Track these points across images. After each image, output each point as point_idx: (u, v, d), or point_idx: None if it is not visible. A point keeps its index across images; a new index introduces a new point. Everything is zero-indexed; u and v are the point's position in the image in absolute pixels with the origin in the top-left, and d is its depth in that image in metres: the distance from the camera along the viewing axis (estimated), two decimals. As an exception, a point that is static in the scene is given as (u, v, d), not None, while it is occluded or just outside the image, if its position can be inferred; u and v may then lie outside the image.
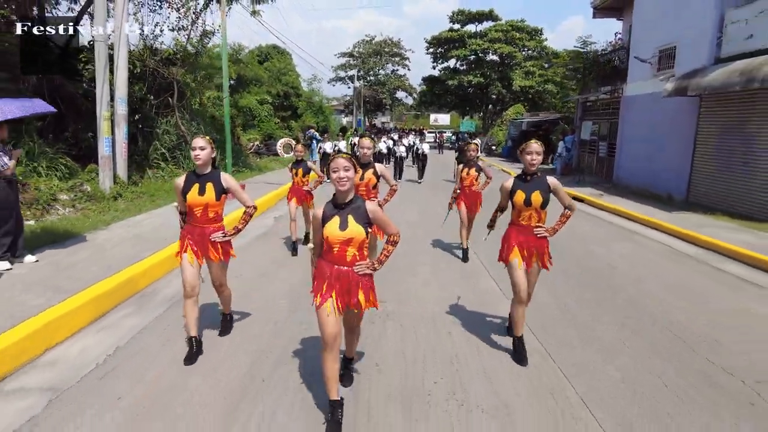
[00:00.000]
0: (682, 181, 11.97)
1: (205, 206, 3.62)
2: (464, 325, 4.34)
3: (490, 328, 4.29)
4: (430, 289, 5.34)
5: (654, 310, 4.78)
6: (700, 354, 3.84)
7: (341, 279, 2.80)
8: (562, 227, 3.75)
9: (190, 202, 3.60)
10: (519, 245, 3.67)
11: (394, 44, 53.82)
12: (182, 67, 13.66)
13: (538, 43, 42.87)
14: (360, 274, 2.82)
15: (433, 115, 55.52)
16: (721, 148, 10.72)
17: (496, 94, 43.18)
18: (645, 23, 14.13)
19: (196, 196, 3.58)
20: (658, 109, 12.90)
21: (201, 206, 3.61)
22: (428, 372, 3.49)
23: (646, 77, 13.70)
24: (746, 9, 9.73)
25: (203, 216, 3.65)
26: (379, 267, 2.88)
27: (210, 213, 3.66)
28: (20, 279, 4.77)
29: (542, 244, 3.70)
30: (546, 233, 3.67)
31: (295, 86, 36.13)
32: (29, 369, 3.45)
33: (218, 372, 3.44)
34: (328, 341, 2.77)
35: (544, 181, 3.62)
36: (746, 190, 9.93)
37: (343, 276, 2.80)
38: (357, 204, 2.79)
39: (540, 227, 3.67)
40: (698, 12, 11.35)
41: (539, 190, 3.58)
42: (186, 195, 3.59)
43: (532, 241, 3.67)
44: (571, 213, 3.75)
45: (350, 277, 2.81)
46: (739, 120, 10.22)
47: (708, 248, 7.44)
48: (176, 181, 3.68)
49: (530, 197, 3.58)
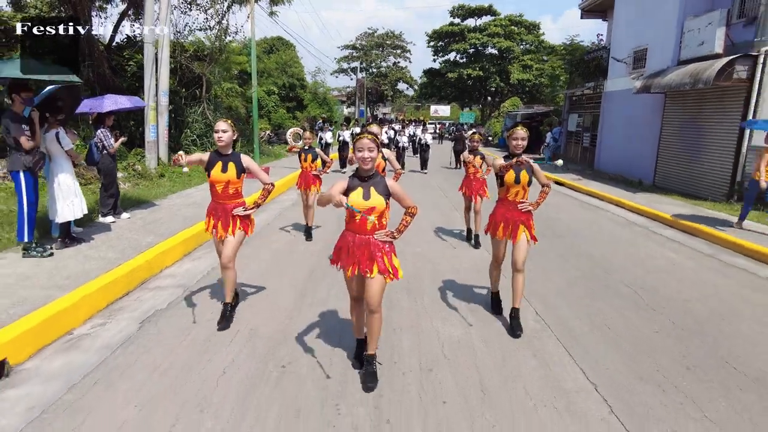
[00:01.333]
0: (649, 168, 13.68)
1: (226, 183, 3.92)
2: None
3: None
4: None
5: (597, 259, 6.48)
6: (618, 279, 5.58)
7: (362, 247, 3.05)
8: (543, 202, 4.21)
9: (213, 178, 3.91)
10: (505, 221, 4.09)
11: (395, 37, 55.28)
12: (208, 62, 15.29)
13: (535, 37, 44.33)
14: (381, 242, 3.08)
15: (434, 106, 56.87)
16: (679, 139, 12.42)
17: (494, 86, 44.64)
18: (622, 27, 15.77)
19: (219, 173, 3.88)
20: (632, 104, 14.56)
21: (222, 183, 3.91)
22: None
23: (622, 75, 15.35)
24: (698, 19, 11.36)
25: (224, 192, 3.95)
26: (398, 236, 3.10)
27: (230, 189, 3.96)
28: (126, 227, 6.52)
29: (527, 217, 4.12)
30: (530, 207, 4.10)
31: (300, 78, 37.64)
32: (157, 279, 5.18)
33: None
34: (354, 296, 3.25)
35: (528, 163, 4.06)
36: (695, 174, 11.66)
37: (364, 244, 3.05)
38: (378, 179, 3.06)
39: (524, 202, 4.10)
40: (664, 19, 12.99)
41: (525, 170, 4.05)
42: (210, 171, 3.90)
43: (518, 215, 4.07)
44: (549, 190, 4.21)
45: (371, 244, 3.05)
46: (692, 115, 11.92)
47: (651, 218, 9.19)
48: (201, 157, 3.96)
49: (519, 176, 4.03)
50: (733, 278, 5.80)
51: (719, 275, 5.90)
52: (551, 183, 4.39)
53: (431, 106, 56.91)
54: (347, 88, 57.38)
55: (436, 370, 3.35)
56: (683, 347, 3.84)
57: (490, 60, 44.20)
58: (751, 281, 5.69)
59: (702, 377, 3.38)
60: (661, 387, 3.23)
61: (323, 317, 4.24)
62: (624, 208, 10.48)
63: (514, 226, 4.06)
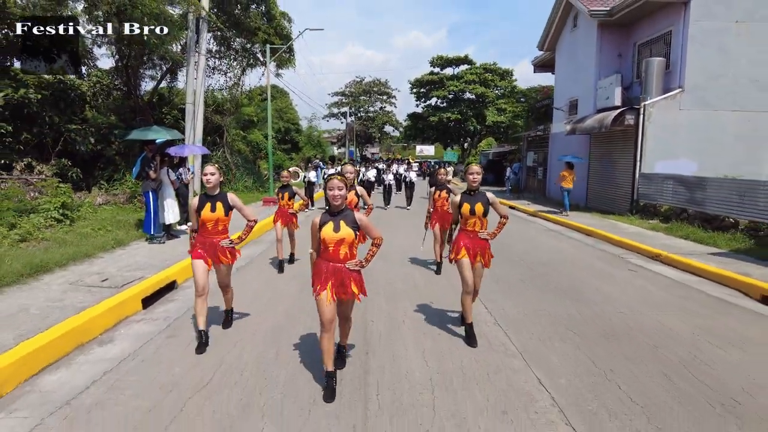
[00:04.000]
0: (583, 193, 17.17)
1: (216, 221, 4.29)
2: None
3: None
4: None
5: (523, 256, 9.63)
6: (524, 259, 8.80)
7: (336, 273, 3.37)
8: (500, 232, 4.51)
9: (204, 217, 4.25)
10: (466, 247, 4.41)
11: (381, 84, 60.11)
12: (227, 115, 18.79)
13: (508, 83, 49.10)
14: (350, 270, 3.39)
15: (419, 146, 61.23)
16: (600, 170, 15.98)
17: (472, 128, 48.97)
18: (561, 82, 19.69)
19: (208, 213, 4.23)
20: (569, 143, 18.19)
21: (213, 221, 4.28)
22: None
23: (561, 120, 19.09)
24: (605, 80, 15.14)
25: (214, 229, 4.33)
26: (366, 264, 3.42)
27: (219, 226, 4.35)
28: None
29: (485, 245, 4.44)
30: (488, 236, 4.42)
31: (294, 122, 41.55)
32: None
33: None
34: (326, 324, 3.37)
35: (484, 196, 4.43)
36: (610, 196, 15.16)
37: (338, 271, 3.37)
38: (347, 212, 3.40)
39: (483, 232, 4.42)
40: (586, 78, 16.81)
41: (480, 202, 4.38)
42: (200, 212, 4.24)
43: (477, 243, 4.40)
44: (506, 221, 4.54)
45: (343, 272, 3.38)
46: (607, 150, 15.53)
47: (567, 227, 12.54)
48: (191, 202, 4.37)
49: (474, 207, 4.36)
50: (569, 243, 9.13)
51: (565, 243, 9.23)
52: (509, 214, 4.84)
53: (417, 146, 61.26)
54: (337, 131, 61.74)
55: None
56: (527, 271, 7.05)
57: (467, 104, 48.64)
58: (579, 245, 8.98)
59: (542, 287, 6.58)
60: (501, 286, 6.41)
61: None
62: (550, 221, 13.86)
63: (473, 252, 4.42)
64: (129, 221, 9.58)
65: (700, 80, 13.02)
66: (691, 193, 11.41)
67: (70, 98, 14.00)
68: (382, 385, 3.63)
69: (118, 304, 4.97)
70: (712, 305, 5.91)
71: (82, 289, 5.44)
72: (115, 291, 5.39)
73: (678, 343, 4.55)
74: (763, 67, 12.84)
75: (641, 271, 7.69)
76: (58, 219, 8.39)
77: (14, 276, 5.47)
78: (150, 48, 14.40)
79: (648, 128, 13.34)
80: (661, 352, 4.35)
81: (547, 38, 20.41)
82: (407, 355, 4.19)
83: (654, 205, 12.93)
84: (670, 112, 13.23)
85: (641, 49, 15.30)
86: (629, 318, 5.30)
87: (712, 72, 12.97)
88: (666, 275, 7.43)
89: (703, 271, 7.37)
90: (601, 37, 16.04)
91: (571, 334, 4.78)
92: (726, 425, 3.15)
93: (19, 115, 12.54)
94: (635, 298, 6.10)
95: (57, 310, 4.67)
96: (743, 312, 5.66)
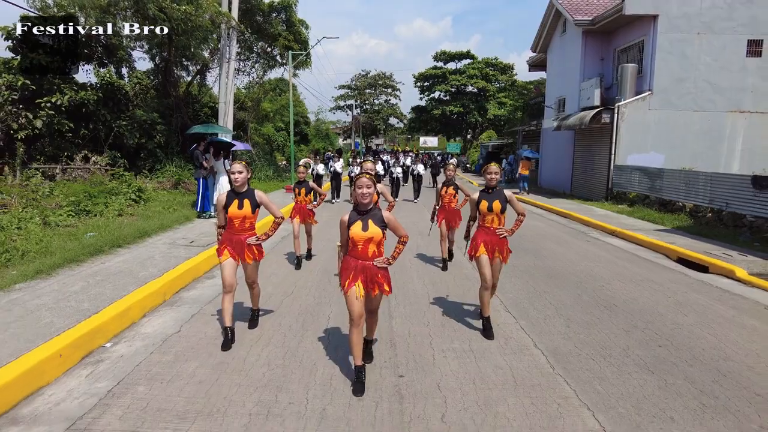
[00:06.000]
0: (568, 182, 19.25)
1: (243, 218, 4.35)
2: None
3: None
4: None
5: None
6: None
7: (365, 271, 3.57)
8: (518, 229, 4.68)
9: (231, 214, 4.32)
10: (484, 243, 4.58)
11: (386, 77, 61.95)
12: (249, 111, 20.89)
13: (509, 77, 50.90)
14: (378, 267, 3.58)
15: (423, 138, 63.23)
16: (582, 162, 18.04)
17: (473, 121, 50.89)
18: (551, 81, 21.67)
19: (235, 210, 4.31)
20: (557, 138, 20.24)
21: (240, 218, 4.35)
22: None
23: (551, 116, 21.10)
24: (587, 82, 17.15)
25: (241, 226, 4.38)
26: (393, 262, 3.63)
27: (246, 223, 4.40)
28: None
29: (503, 242, 4.59)
30: (506, 233, 4.56)
31: (303, 115, 43.59)
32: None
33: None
34: (355, 318, 3.52)
35: (502, 193, 4.59)
36: (590, 185, 17.24)
37: (367, 268, 3.57)
38: (375, 211, 3.57)
39: (501, 229, 4.57)
40: (572, 79, 18.81)
41: (498, 200, 4.53)
42: (227, 209, 4.32)
43: (495, 240, 4.56)
44: (523, 218, 4.67)
45: (371, 269, 3.57)
46: (588, 144, 17.58)
47: (549, 210, 14.63)
48: (218, 199, 4.42)
49: (492, 205, 4.53)
50: (545, 223, 11.27)
51: (541, 223, 11.36)
52: (526, 211, 4.80)
53: (420, 137, 63.23)
54: (343, 123, 63.74)
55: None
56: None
57: (469, 98, 50.52)
58: (553, 224, 11.10)
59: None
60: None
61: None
62: (534, 205, 15.97)
63: (491, 249, 4.58)
64: (185, 202, 11.73)
65: (666, 84, 15.03)
66: (652, 182, 13.48)
67: (117, 98, 16.13)
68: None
69: (210, 255, 7.11)
70: (635, 261, 8.05)
71: (179, 247, 7.61)
72: (202, 249, 7.53)
73: (595, 281, 6.70)
74: (720, 72, 14.83)
75: (596, 242, 9.81)
76: (135, 200, 10.56)
77: (131, 237, 7.65)
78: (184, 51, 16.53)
79: (621, 126, 15.38)
80: (582, 284, 6.51)
81: (539, 41, 22.36)
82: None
83: (625, 192, 15.01)
84: (640, 111, 15.26)
85: (620, 54, 17.28)
86: (569, 266, 7.47)
87: (676, 77, 14.97)
88: (614, 245, 9.55)
89: (642, 241, 9.49)
90: (586, 43, 18.01)
91: (526, 275, 6.92)
92: (599, 310, 5.30)
93: (78, 113, 14.71)
94: (580, 257, 8.24)
95: (172, 258, 6.83)
96: (654, 266, 7.80)
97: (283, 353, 4.16)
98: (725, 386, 3.68)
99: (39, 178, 11.10)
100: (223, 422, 3.08)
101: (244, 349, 4.24)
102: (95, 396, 3.38)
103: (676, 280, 6.93)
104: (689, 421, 3.19)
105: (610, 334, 4.72)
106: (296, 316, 5.10)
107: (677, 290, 6.36)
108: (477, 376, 3.78)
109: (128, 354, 4.09)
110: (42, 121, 13.44)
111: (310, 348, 4.29)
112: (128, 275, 5.88)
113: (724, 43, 14.70)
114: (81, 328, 4.12)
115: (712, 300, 5.97)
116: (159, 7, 13.26)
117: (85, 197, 9.36)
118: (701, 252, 8.09)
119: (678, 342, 4.55)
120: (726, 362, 4.12)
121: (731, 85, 14.87)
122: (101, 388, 3.49)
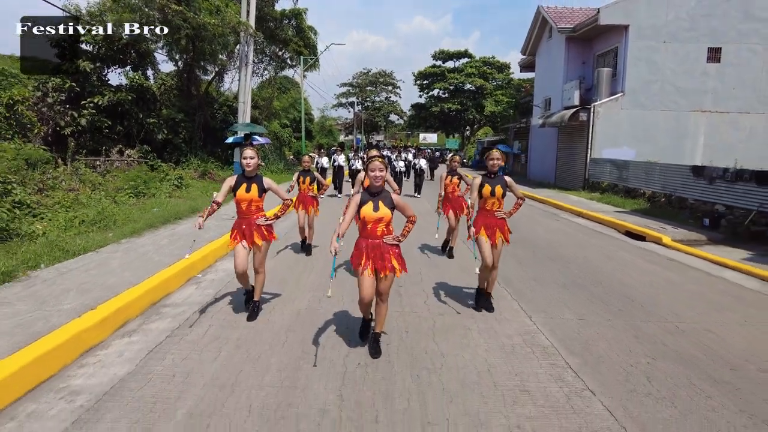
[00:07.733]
0: (552, 174, 21.19)
1: (249, 201, 4.64)
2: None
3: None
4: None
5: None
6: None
7: (375, 249, 3.74)
8: (516, 212, 5.06)
9: (239, 197, 4.60)
10: (485, 226, 4.92)
11: (387, 75, 63.79)
12: (262, 109, 22.77)
13: (505, 75, 52.72)
14: (389, 244, 3.77)
15: (422, 134, 65.02)
16: (564, 156, 19.99)
17: (471, 117, 52.73)
18: (539, 81, 23.59)
19: (243, 193, 4.60)
20: (543, 134, 22.16)
21: (247, 201, 4.63)
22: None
23: (538, 114, 23.02)
24: (568, 84, 19.07)
25: (248, 209, 4.67)
26: (403, 240, 3.80)
27: (253, 206, 4.68)
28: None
29: (502, 223, 4.96)
30: (505, 215, 4.93)
31: (307, 112, 45.46)
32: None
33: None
34: (365, 299, 3.75)
35: (503, 179, 4.93)
36: (570, 176, 19.19)
37: (377, 247, 3.75)
38: (385, 194, 3.80)
39: (500, 211, 4.93)
40: (556, 81, 20.72)
41: (500, 185, 4.89)
42: (236, 191, 4.61)
43: (495, 221, 4.92)
44: (522, 202, 5.02)
45: (382, 247, 3.75)
46: (569, 140, 19.52)
47: (531, 198, 16.58)
48: (228, 179, 4.69)
49: (494, 189, 4.87)
50: (524, 207, 13.21)
51: (525, 208, 13.32)
52: (523, 196, 5.10)
53: (420, 133, 65.09)
54: (345, 119, 65.64)
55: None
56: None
57: (467, 95, 52.30)
58: (531, 209, 13.04)
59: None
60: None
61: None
62: (523, 195, 17.91)
63: (492, 230, 4.88)
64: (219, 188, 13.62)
65: (636, 86, 16.96)
66: (620, 173, 15.42)
67: (146, 98, 18.04)
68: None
69: (251, 226, 9.03)
70: (589, 234, 10.02)
71: (224, 219, 9.54)
72: (242, 222, 9.47)
73: (551, 245, 8.67)
74: (683, 76, 16.77)
75: (563, 221, 11.76)
76: (176, 186, 12.49)
77: (186, 212, 9.62)
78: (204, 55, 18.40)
79: (597, 123, 17.31)
80: (540, 247, 8.48)
81: (528, 44, 24.27)
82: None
83: (599, 182, 16.95)
84: (613, 110, 17.19)
85: (599, 59, 19.20)
86: (534, 236, 9.43)
87: (645, 80, 16.90)
88: (578, 222, 11.50)
89: (602, 219, 11.45)
90: (568, 48, 19.91)
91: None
92: (547, 260, 7.25)
93: (114, 112, 16.62)
94: (546, 231, 10.20)
95: (223, 227, 8.75)
96: (603, 236, 9.77)
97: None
98: (616, 298, 5.66)
99: (88, 169, 13.02)
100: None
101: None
102: (208, 296, 5.41)
103: (615, 245, 8.90)
104: (596, 316, 5.16)
105: (547, 271, 6.74)
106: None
107: (613, 251, 8.33)
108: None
109: (217, 279, 6.14)
110: (86, 119, 15.35)
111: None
112: (195, 236, 7.81)
113: (687, 51, 16.62)
114: (179, 264, 6.07)
115: (635, 256, 7.94)
116: (183, 18, 15.14)
117: (141, 182, 11.29)
118: (643, 226, 10.06)
119: (596, 277, 6.52)
120: (623, 287, 6.09)
121: (693, 88, 16.80)
122: (209, 294, 5.49)
